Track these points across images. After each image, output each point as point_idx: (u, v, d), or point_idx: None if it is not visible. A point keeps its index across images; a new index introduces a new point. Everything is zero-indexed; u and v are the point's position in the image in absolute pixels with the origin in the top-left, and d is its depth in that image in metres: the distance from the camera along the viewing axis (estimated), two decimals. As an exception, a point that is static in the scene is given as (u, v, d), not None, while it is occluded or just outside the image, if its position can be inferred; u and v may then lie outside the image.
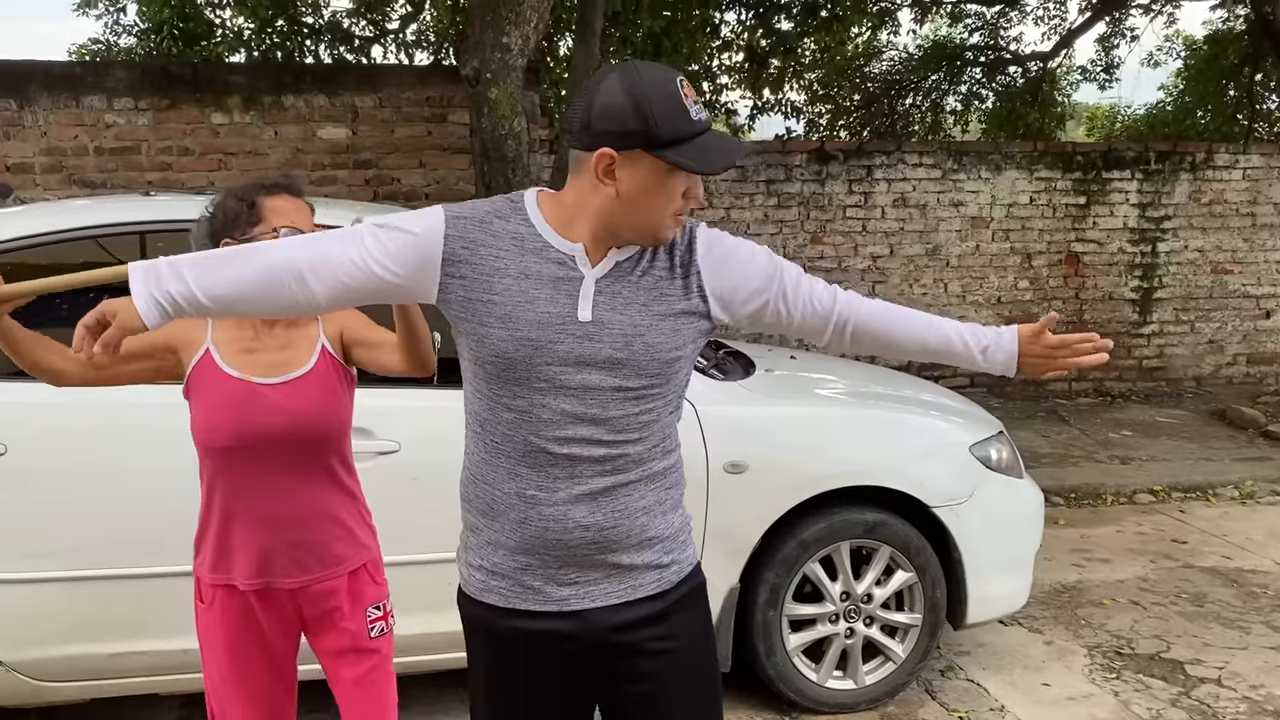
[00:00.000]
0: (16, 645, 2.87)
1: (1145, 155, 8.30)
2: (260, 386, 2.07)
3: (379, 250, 1.59)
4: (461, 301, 1.61)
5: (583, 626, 1.69)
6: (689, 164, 1.55)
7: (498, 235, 1.61)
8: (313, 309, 1.64)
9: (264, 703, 2.19)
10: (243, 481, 2.09)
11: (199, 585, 2.18)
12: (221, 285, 1.56)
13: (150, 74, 6.84)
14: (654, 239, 1.63)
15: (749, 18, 9.87)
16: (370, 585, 2.24)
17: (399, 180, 7.09)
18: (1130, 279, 8.39)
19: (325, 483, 2.17)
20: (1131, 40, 12.80)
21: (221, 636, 2.14)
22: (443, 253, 1.60)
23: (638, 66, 1.59)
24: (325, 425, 2.14)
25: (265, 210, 2.09)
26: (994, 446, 3.56)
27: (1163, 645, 4.01)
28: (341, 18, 9.78)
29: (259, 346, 2.11)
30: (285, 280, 1.58)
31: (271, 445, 2.07)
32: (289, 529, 2.10)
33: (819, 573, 3.37)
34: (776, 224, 7.75)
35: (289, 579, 2.13)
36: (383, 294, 1.65)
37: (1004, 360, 1.79)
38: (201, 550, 2.17)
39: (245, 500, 2.09)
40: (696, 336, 1.69)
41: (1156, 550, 5.12)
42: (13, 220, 3.07)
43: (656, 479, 1.71)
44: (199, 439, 2.11)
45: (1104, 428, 7.32)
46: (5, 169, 6.55)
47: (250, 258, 1.60)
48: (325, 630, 2.20)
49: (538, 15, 5.24)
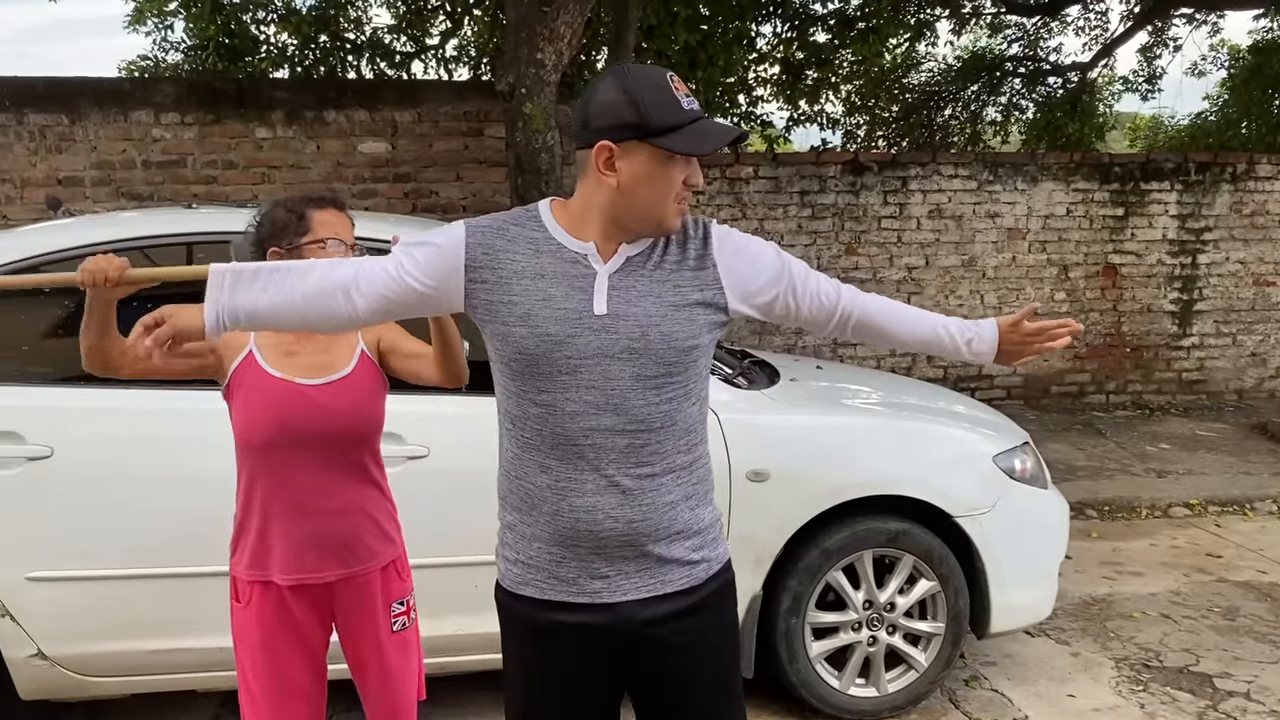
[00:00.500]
0: (61, 641, 2.98)
1: (1185, 166, 8.22)
2: (303, 386, 2.18)
3: (411, 264, 1.72)
4: (485, 305, 1.71)
5: (615, 620, 1.76)
6: (681, 147, 1.65)
7: (514, 240, 1.72)
8: (356, 323, 1.76)
9: (297, 698, 2.27)
10: (283, 478, 2.18)
11: (235, 584, 2.27)
12: (277, 302, 1.70)
13: (196, 89, 7.03)
14: (659, 228, 1.72)
15: (785, 30, 9.91)
16: (396, 580, 2.33)
17: (437, 193, 7.22)
18: (1169, 291, 8.31)
19: (360, 480, 2.27)
20: (1174, 50, 12.69)
21: (258, 632, 2.22)
22: (465, 260, 1.71)
23: (629, 67, 1.71)
24: (363, 425, 2.25)
25: (313, 222, 2.20)
26: (1018, 457, 3.57)
27: (1192, 658, 3.98)
28: (383, 34, 9.96)
29: (300, 350, 2.21)
30: (335, 295, 1.71)
31: (311, 442, 2.17)
32: (326, 523, 2.20)
33: (842, 581, 3.40)
34: (810, 235, 7.78)
35: (326, 573, 2.22)
36: (418, 305, 1.76)
37: (986, 350, 1.92)
38: (239, 549, 2.26)
39: (285, 496, 2.19)
40: (712, 327, 1.77)
41: (1190, 564, 5.08)
42: (65, 231, 3.20)
43: (682, 473, 1.77)
44: (241, 437, 2.21)
45: (1141, 441, 7.26)
46: (57, 182, 6.76)
47: (303, 276, 1.72)
48: (354, 624, 2.29)
49: (571, 32, 5.33)
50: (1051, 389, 8.27)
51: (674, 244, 1.76)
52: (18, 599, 2.93)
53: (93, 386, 3.10)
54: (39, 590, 2.93)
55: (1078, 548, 5.16)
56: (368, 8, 10.02)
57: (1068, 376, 8.29)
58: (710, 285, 1.75)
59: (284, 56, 9.53)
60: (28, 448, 2.89)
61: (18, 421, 2.91)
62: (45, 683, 3.03)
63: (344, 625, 2.30)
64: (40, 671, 2.99)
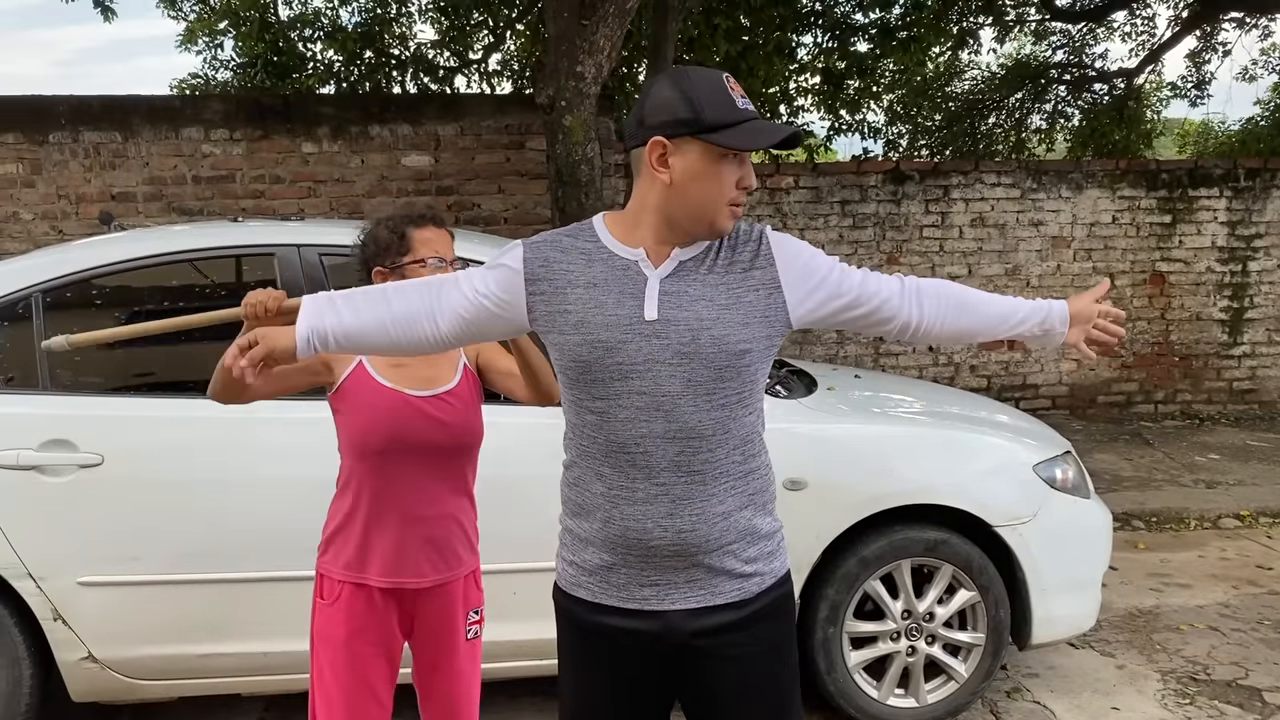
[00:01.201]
0: (111, 644, 3.06)
1: (1234, 172, 8.10)
2: (412, 398, 2.25)
3: (482, 285, 1.78)
4: (544, 316, 1.75)
5: (664, 628, 1.76)
6: (733, 143, 1.65)
7: (567, 251, 1.76)
8: (440, 345, 1.82)
9: (370, 697, 2.30)
10: (391, 484, 2.24)
11: (322, 581, 2.31)
12: (366, 325, 1.79)
13: (244, 106, 7.17)
14: (711, 229, 1.72)
15: (826, 40, 9.89)
16: (474, 590, 2.41)
17: (479, 205, 7.30)
18: (1219, 299, 8.18)
19: (458, 489, 2.34)
20: (1224, 55, 12.49)
21: (344, 631, 2.26)
22: (524, 274, 1.76)
23: (687, 69, 1.73)
24: (468, 436, 2.33)
25: (414, 241, 2.28)
26: (1059, 466, 3.54)
27: (1241, 672, 3.91)
28: (427, 49, 10.09)
29: (407, 362, 2.28)
30: (419, 319, 1.79)
31: (420, 451, 2.24)
32: (427, 529, 2.27)
33: (880, 590, 3.39)
34: (852, 244, 7.75)
35: (421, 578, 2.28)
36: (493, 326, 1.82)
37: (1058, 325, 1.87)
38: (332, 548, 2.30)
39: (392, 502, 2.24)
40: (769, 333, 1.74)
41: (1240, 576, 4.99)
42: (117, 244, 3.30)
43: (737, 483, 1.76)
44: (353, 444, 2.26)
45: (1190, 451, 7.14)
46: (110, 197, 6.93)
47: (390, 300, 1.80)
48: (434, 628, 2.34)
49: (611, 44, 5.37)
50: (1098, 398, 8.17)
51: (728, 248, 1.75)
52: (69, 603, 3.01)
53: (142, 396, 3.19)
54: (90, 595, 3.01)
55: (1124, 559, 5.09)
56: (412, 24, 10.18)
57: (1115, 386, 8.17)
58: (766, 286, 1.73)
59: (330, 72, 9.70)
60: (79, 455, 2.97)
61: (70, 430, 2.99)
62: (96, 685, 3.10)
63: (422, 630, 2.34)
64: (91, 674, 3.07)
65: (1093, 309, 1.87)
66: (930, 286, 1.84)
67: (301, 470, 3.05)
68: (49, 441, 2.97)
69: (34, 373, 3.09)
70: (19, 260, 3.46)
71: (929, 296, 1.82)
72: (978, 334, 1.88)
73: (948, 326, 1.84)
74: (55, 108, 6.88)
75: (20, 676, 3.04)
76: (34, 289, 3.12)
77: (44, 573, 3.00)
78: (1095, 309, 1.87)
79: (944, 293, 1.84)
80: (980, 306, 1.86)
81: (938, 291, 1.84)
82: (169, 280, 3.31)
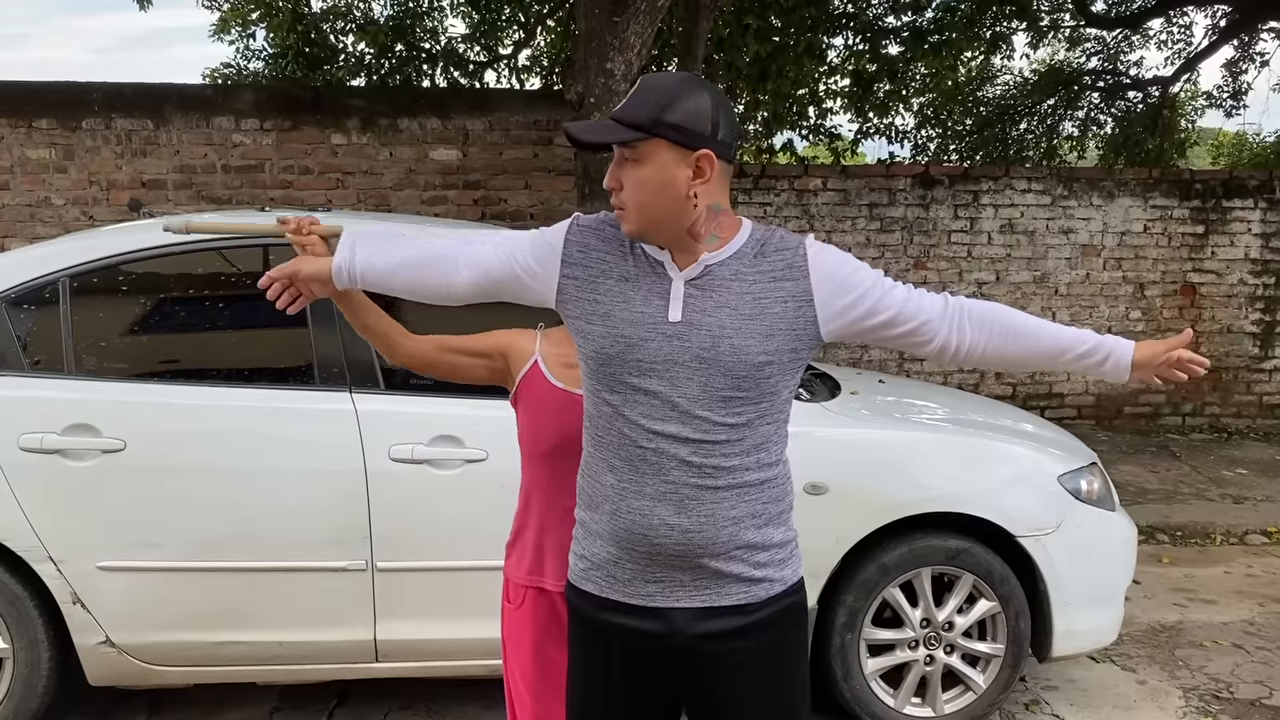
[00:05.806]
0: (129, 629, 3.08)
1: (1269, 183, 7.99)
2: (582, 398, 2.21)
3: (518, 249, 1.80)
4: (574, 300, 1.76)
5: (668, 628, 1.75)
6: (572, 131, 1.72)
7: (608, 240, 1.77)
8: (453, 293, 1.84)
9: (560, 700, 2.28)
10: (561, 486, 2.17)
11: (508, 586, 2.29)
12: (394, 263, 1.83)
13: (275, 97, 7.21)
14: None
15: (857, 42, 9.83)
16: None
17: (506, 200, 7.30)
18: (1251, 312, 8.07)
19: None
20: (1261, 65, 12.32)
21: (530, 636, 2.24)
22: (562, 255, 1.77)
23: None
24: None
25: None
26: (1084, 477, 3.49)
27: (1265, 691, 3.85)
28: (457, 44, 10.10)
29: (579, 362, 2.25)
30: (445, 262, 1.82)
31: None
32: None
33: (899, 598, 3.35)
34: (879, 248, 7.70)
35: None
36: (514, 288, 1.82)
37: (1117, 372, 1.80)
38: (514, 553, 2.28)
39: (562, 504, 2.16)
40: (795, 346, 1.71)
41: (1266, 593, 4.91)
42: (143, 232, 3.30)
43: (750, 490, 1.73)
44: (525, 445, 2.24)
45: (1218, 465, 7.04)
46: (141, 184, 6.98)
47: (424, 244, 1.84)
48: None
49: (641, 42, 5.35)
50: (1124, 410, 8.08)
51: (760, 255, 1.72)
52: (89, 587, 3.03)
53: (165, 383, 3.20)
54: (109, 580, 3.03)
55: (1148, 573, 5.03)
56: (443, 18, 10.19)
57: (1142, 397, 8.08)
58: (796, 299, 1.70)
59: (361, 65, 9.72)
60: (102, 440, 2.99)
61: (93, 415, 3.01)
62: (113, 670, 3.12)
63: None
64: (108, 659, 3.09)
65: (1163, 357, 1.79)
66: (977, 309, 1.78)
67: (322, 461, 3.06)
68: (72, 426, 2.99)
69: (60, 357, 3.11)
70: (48, 245, 3.49)
71: (973, 319, 1.77)
72: (1028, 364, 1.83)
73: (991, 352, 1.78)
74: (89, 95, 6.94)
75: (39, 659, 3.06)
76: (62, 273, 3.14)
77: (64, 556, 3.02)
78: (1166, 357, 1.78)
79: (991, 317, 1.78)
80: (1033, 337, 1.79)
81: (984, 315, 1.78)
82: (196, 268, 3.32)
